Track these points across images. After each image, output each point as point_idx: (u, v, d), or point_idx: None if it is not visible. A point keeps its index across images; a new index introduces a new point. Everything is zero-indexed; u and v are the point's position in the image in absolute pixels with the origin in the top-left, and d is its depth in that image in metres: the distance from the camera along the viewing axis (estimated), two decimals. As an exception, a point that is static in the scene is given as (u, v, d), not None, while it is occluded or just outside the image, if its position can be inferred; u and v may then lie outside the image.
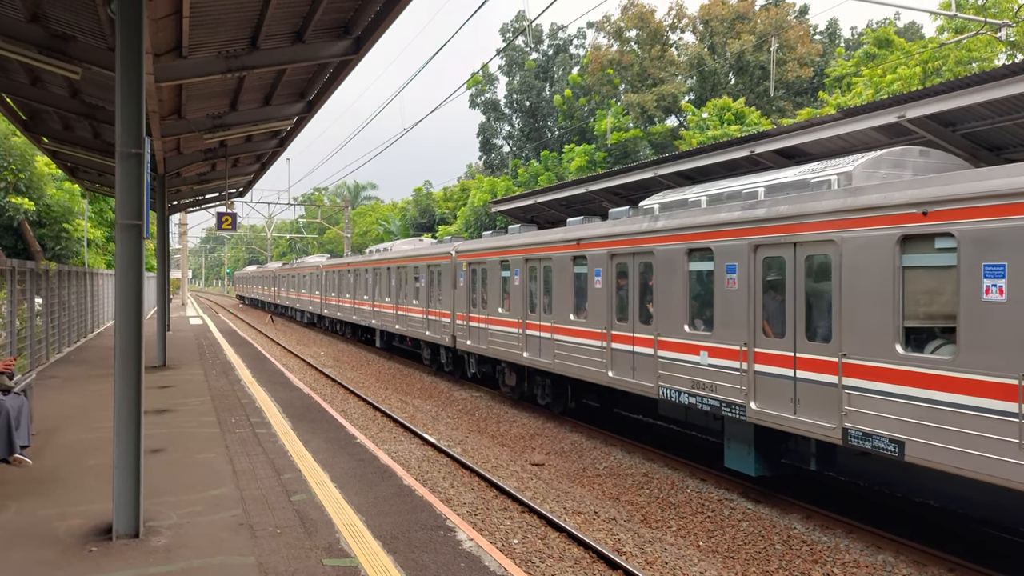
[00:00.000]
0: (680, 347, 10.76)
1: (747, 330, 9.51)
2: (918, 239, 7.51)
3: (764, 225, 9.32)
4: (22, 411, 8.04)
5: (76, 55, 9.27)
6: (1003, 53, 25.67)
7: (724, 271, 9.94)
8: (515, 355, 15.84)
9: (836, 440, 8.30)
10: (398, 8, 8.90)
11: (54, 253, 27.18)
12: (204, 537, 6.28)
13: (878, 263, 7.84)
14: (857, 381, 8.03)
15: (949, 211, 7.13)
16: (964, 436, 6.92)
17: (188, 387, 14.71)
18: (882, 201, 7.84)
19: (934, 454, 7.19)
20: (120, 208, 6.30)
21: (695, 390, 10.44)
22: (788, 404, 8.91)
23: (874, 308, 7.87)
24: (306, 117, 14.20)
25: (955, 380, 7.05)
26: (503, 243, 16.80)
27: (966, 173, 7.37)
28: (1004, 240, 6.62)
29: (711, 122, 32.47)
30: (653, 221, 11.54)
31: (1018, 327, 6.49)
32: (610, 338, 12.44)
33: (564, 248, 14.01)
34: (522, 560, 7.85)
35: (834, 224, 8.36)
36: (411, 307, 22.95)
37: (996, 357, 6.66)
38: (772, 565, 8.07)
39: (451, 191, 54.12)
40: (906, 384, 7.50)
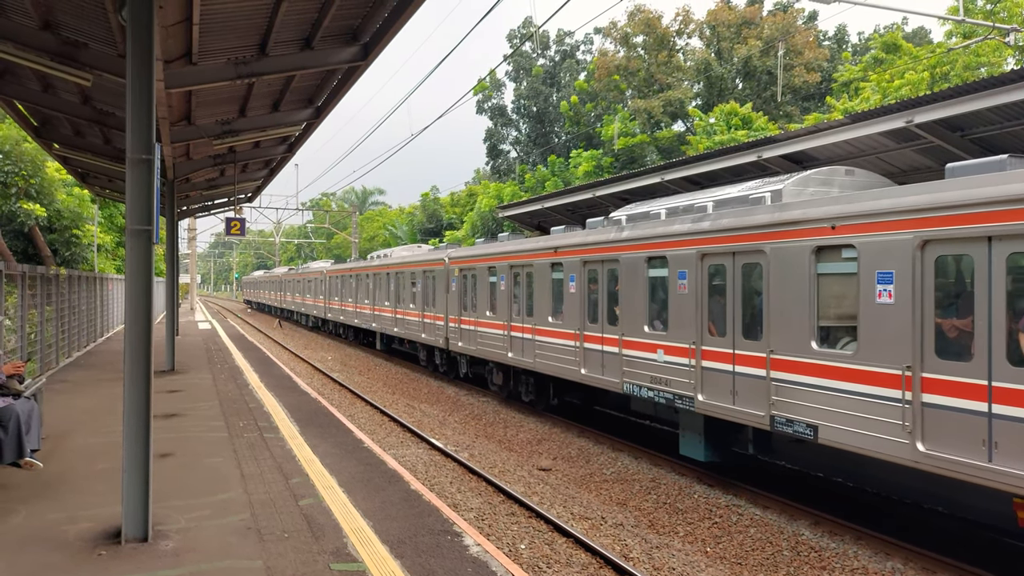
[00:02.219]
0: (641, 346, 11.89)
1: (695, 330, 10.64)
2: (829, 250, 8.68)
3: (709, 236, 10.46)
4: (32, 415, 8.08)
5: (87, 62, 9.34)
6: (1012, 58, 25.57)
7: (677, 277, 11.10)
8: (501, 355, 16.87)
9: (765, 426, 9.36)
10: (406, 15, 8.94)
11: (64, 258, 27.33)
12: (212, 541, 6.31)
13: (798, 270, 9.01)
14: (781, 374, 9.15)
15: (851, 226, 8.30)
16: (863, 420, 8.07)
17: (197, 391, 14.76)
18: (801, 216, 9.01)
19: (841, 436, 8.35)
20: (130, 213, 6.35)
21: (654, 385, 11.54)
22: (729, 396, 10.01)
23: (795, 310, 9.02)
24: (314, 123, 14.26)
25: (856, 372, 8.18)
26: (491, 250, 17.82)
27: (868, 192, 8.50)
28: (892, 251, 7.79)
29: (718, 127, 32.45)
30: (619, 231, 12.66)
31: (903, 326, 7.64)
32: (583, 338, 13.56)
33: (544, 255, 15.08)
34: (529, 565, 7.85)
35: (764, 236, 9.50)
36: (408, 311, 23.96)
37: (886, 351, 7.82)
38: (780, 571, 8.04)
39: (458, 196, 54.20)
40: (819, 376, 8.64)
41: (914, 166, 11.57)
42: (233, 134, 14.03)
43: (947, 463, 7.20)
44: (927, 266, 7.50)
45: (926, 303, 7.50)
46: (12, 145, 23.63)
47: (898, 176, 11.85)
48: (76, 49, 9.24)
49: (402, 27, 9.31)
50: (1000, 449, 6.74)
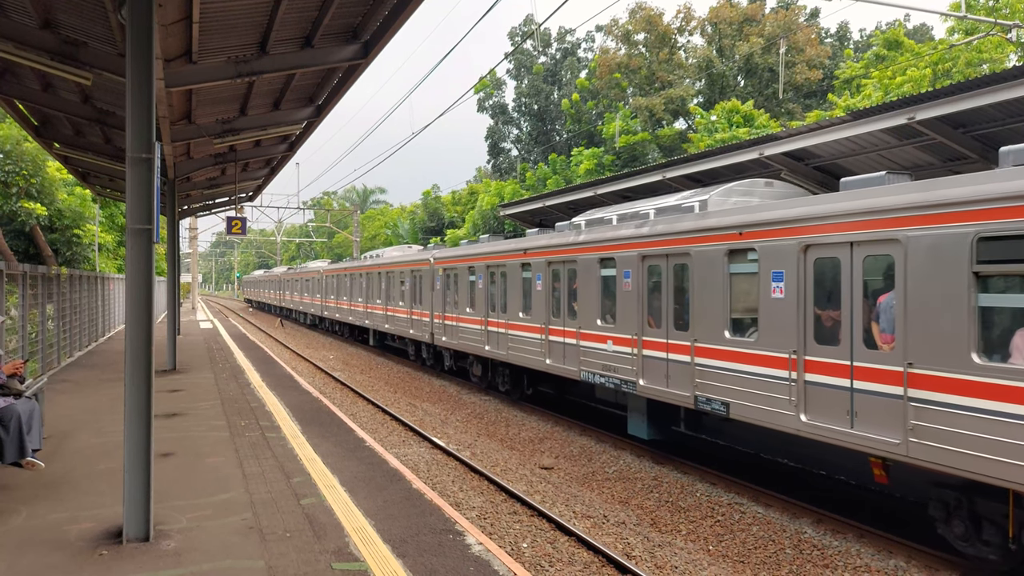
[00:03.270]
0: (594, 338, 13.33)
1: (637, 323, 12.09)
2: (738, 252, 10.10)
3: (648, 240, 11.88)
4: (33, 415, 8.08)
5: (87, 61, 9.33)
6: (1014, 54, 25.52)
7: (623, 276, 12.50)
8: (479, 348, 18.27)
9: (691, 405, 10.81)
10: (406, 13, 8.92)
11: (65, 258, 27.34)
12: (214, 541, 6.30)
13: (714, 270, 10.44)
14: (702, 360, 10.61)
15: (754, 232, 9.74)
16: (761, 397, 9.51)
17: (198, 391, 14.76)
18: (717, 223, 10.43)
19: (746, 412, 9.76)
20: (130, 213, 6.33)
21: (604, 372, 12.97)
22: (664, 380, 11.49)
23: (712, 304, 10.47)
24: (315, 122, 14.24)
25: (756, 356, 9.62)
26: (471, 251, 19.25)
27: (770, 203, 9.95)
28: (783, 254, 9.23)
29: (720, 125, 32.39)
30: (577, 235, 14.06)
31: (790, 317, 9.09)
32: (547, 332, 15.00)
33: (515, 256, 16.51)
34: (531, 564, 7.84)
35: (689, 240, 10.95)
36: (398, 308, 25.42)
37: (778, 338, 9.29)
38: (783, 570, 8.02)
39: (459, 195, 54.16)
40: (730, 361, 10.09)
41: (916, 163, 11.53)
42: (234, 133, 14.01)
43: (822, 431, 8.65)
44: (808, 267, 8.96)
45: (807, 298, 8.95)
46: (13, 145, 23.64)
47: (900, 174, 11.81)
48: (76, 48, 9.23)
49: (402, 25, 9.29)
50: (859, 417, 8.24)
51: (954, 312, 7.28)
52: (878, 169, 12.03)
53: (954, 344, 7.27)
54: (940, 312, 7.41)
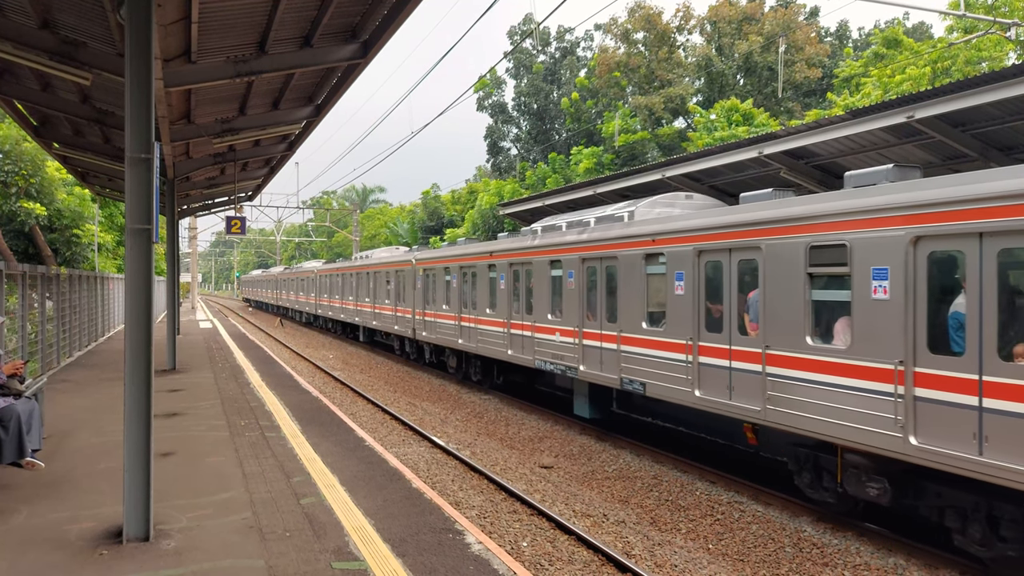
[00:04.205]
0: (546, 330, 15.08)
1: (578, 316, 13.83)
2: (652, 256, 11.85)
3: (586, 245, 13.65)
4: (33, 415, 8.08)
5: (86, 61, 9.33)
6: (1013, 53, 25.51)
7: (567, 276, 14.24)
8: (454, 342, 20.03)
9: (616, 386, 12.66)
10: (405, 12, 8.92)
11: (65, 258, 27.33)
12: (214, 540, 6.30)
13: (635, 271, 12.19)
14: (627, 347, 12.37)
15: (663, 239, 11.48)
16: (668, 376, 11.28)
17: (198, 391, 14.76)
18: (638, 231, 12.17)
19: (658, 391, 11.54)
20: (130, 213, 6.33)
21: (553, 360, 14.74)
22: (598, 365, 13.23)
23: (634, 300, 12.25)
24: (314, 121, 14.24)
25: (665, 343, 11.42)
26: (447, 253, 20.99)
27: (676, 214, 12.02)
28: (682, 257, 10.98)
29: (719, 123, 32.38)
30: (533, 240, 15.84)
31: (688, 310, 10.86)
32: (510, 326, 16.70)
33: (483, 258, 18.21)
34: (531, 563, 7.85)
35: (617, 246, 12.66)
36: (384, 306, 27.13)
37: (680, 328, 11.05)
38: (782, 568, 8.03)
39: (459, 194, 54.12)
40: (647, 348, 11.86)
41: (916, 162, 11.54)
42: (233, 132, 14.01)
43: (711, 403, 10.40)
44: (701, 268, 10.68)
45: (701, 294, 10.68)
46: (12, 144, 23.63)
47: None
48: (75, 48, 9.23)
49: (402, 24, 9.29)
50: (735, 391, 9.95)
51: (794, 304, 9.03)
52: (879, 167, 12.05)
53: (795, 329, 9.00)
54: (786, 304, 9.14)
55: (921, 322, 7.56)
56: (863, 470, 8.46)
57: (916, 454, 7.44)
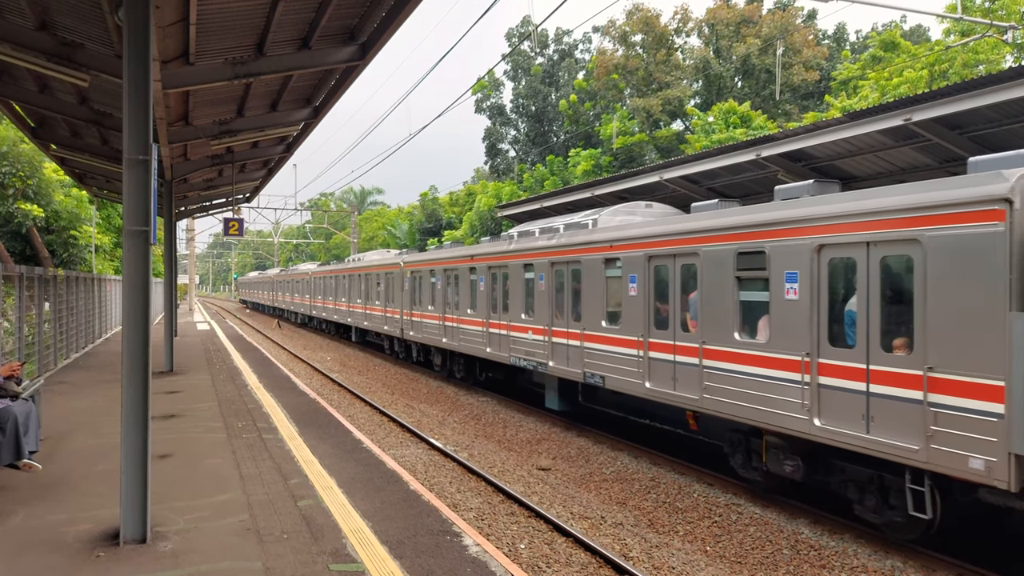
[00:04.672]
0: (521, 329, 16.09)
1: (548, 316, 14.87)
2: (610, 261, 12.89)
3: (554, 250, 14.72)
4: (30, 416, 8.07)
5: (84, 62, 9.31)
6: (1010, 55, 25.57)
7: (539, 279, 15.27)
8: (438, 341, 21.12)
9: (580, 379, 13.74)
10: (404, 14, 8.92)
11: (62, 259, 27.29)
12: (211, 542, 6.30)
13: (596, 274, 13.22)
14: (589, 344, 13.42)
15: (619, 245, 12.61)
16: (623, 370, 12.34)
17: (195, 392, 14.75)
18: (599, 238, 13.27)
19: (616, 383, 12.58)
20: (127, 214, 6.33)
21: (526, 356, 15.79)
22: (566, 361, 14.23)
23: (595, 300, 13.28)
24: (312, 123, 14.23)
25: (621, 340, 12.47)
26: (431, 256, 22.37)
27: (636, 221, 13.17)
28: (636, 262, 12.09)
29: (717, 126, 32.42)
30: (509, 244, 17.02)
31: (640, 310, 11.95)
32: (488, 325, 17.77)
33: (465, 262, 19.28)
34: (529, 565, 7.84)
35: (581, 251, 13.73)
36: (374, 307, 28.34)
37: (633, 326, 12.15)
38: (780, 570, 8.03)
39: (457, 196, 54.10)
40: (606, 344, 12.89)
41: (913, 164, 11.56)
42: (231, 134, 13.99)
43: (659, 394, 11.51)
44: (651, 272, 11.82)
45: (651, 295, 11.83)
46: (9, 146, 23.58)
47: (897, 175, 11.84)
48: (73, 50, 9.22)
49: (400, 26, 9.29)
50: (679, 382, 11.08)
51: (726, 304, 10.09)
52: (876, 169, 12.08)
53: (726, 326, 10.07)
54: (719, 304, 10.23)
55: (824, 319, 8.64)
56: (781, 450, 9.49)
57: (820, 434, 8.57)
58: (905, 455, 7.58)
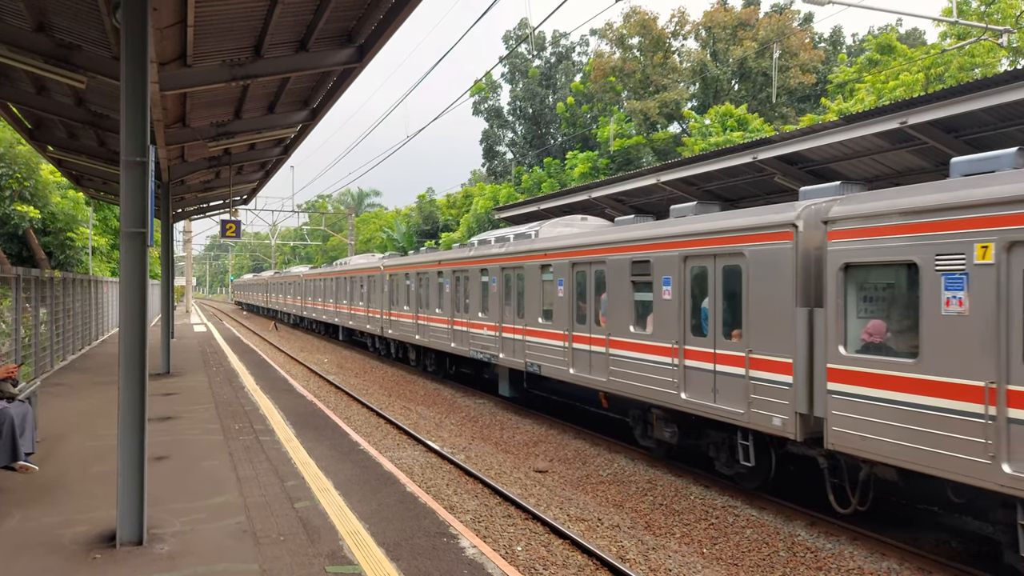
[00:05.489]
0: (479, 326, 18.25)
1: (499, 314, 16.98)
2: (545, 267, 14.97)
3: (504, 257, 16.93)
4: (26, 418, 8.06)
5: (81, 64, 9.31)
6: (1005, 59, 25.66)
7: (492, 281, 17.45)
8: (412, 338, 23.22)
9: (523, 368, 15.86)
10: (401, 17, 8.93)
11: (59, 261, 27.23)
12: (208, 544, 6.29)
13: (535, 278, 15.39)
14: (530, 338, 15.56)
15: (551, 254, 14.71)
16: (555, 359, 14.40)
17: (192, 394, 14.73)
18: (538, 247, 15.41)
19: (549, 371, 14.67)
20: (124, 216, 6.33)
21: (482, 350, 17.95)
22: (512, 353, 16.41)
23: (534, 300, 15.44)
24: (310, 125, 14.24)
25: (553, 333, 14.54)
26: (407, 261, 24.70)
27: (572, 232, 15.02)
28: (562, 267, 14.20)
29: (714, 128, 32.47)
30: (470, 251, 19.24)
31: (566, 308, 14.01)
32: (453, 323, 19.92)
33: (434, 266, 21.50)
34: (525, 567, 7.85)
35: (523, 258, 15.96)
36: (358, 307, 30.51)
37: (560, 321, 14.25)
38: (776, 572, 8.05)
39: (454, 198, 54.11)
40: (542, 337, 15.01)
41: (909, 167, 11.59)
42: (228, 136, 13.99)
43: (580, 378, 13.61)
44: (574, 276, 13.90)
45: (574, 295, 13.91)
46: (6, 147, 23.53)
47: (893, 178, 11.87)
48: (70, 51, 9.21)
49: (397, 29, 9.30)
50: (593, 368, 13.20)
51: (625, 302, 12.25)
52: (872, 172, 12.11)
53: (624, 320, 12.23)
54: (619, 302, 12.38)
55: (688, 314, 10.79)
56: (663, 420, 11.61)
57: (685, 405, 10.75)
58: (736, 418, 9.73)
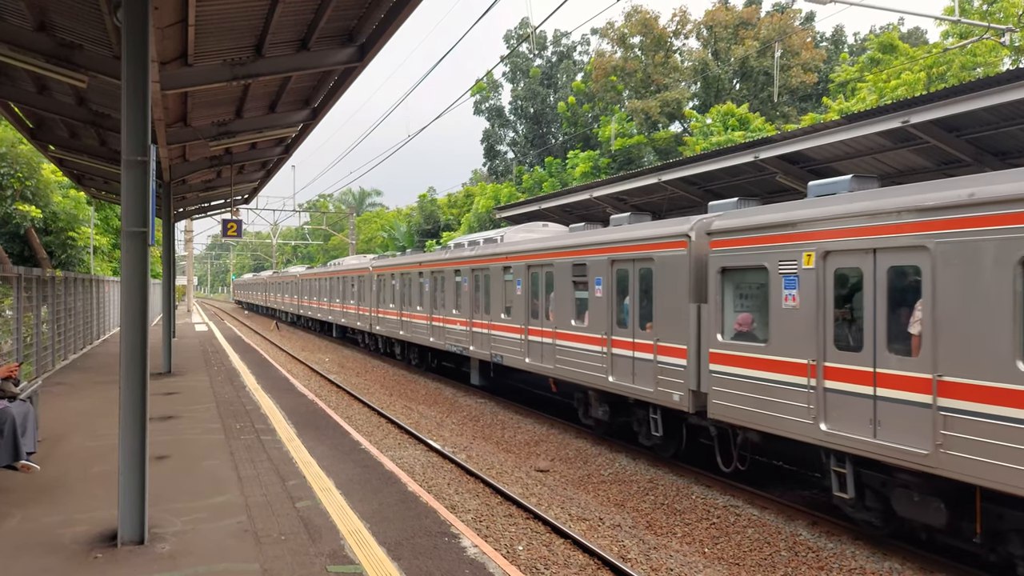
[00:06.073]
0: (453, 322, 20.08)
1: (470, 311, 18.81)
2: (506, 268, 16.74)
3: (473, 259, 18.79)
4: (28, 417, 8.06)
5: (82, 63, 9.31)
6: (1008, 58, 25.62)
7: (464, 281, 19.30)
8: (397, 333, 25.22)
9: (488, 359, 17.68)
10: (402, 16, 8.92)
11: (60, 260, 27.25)
12: (209, 544, 6.29)
13: (498, 278, 17.18)
14: (494, 332, 17.31)
15: (511, 257, 16.50)
16: (515, 351, 16.22)
17: (193, 394, 14.73)
18: (501, 251, 17.25)
19: (510, 361, 16.51)
20: (126, 215, 6.32)
21: (455, 343, 19.84)
22: (480, 345, 18.22)
23: (498, 298, 17.16)
24: (311, 124, 14.23)
25: (512, 327, 16.35)
26: (392, 262, 26.71)
27: (533, 238, 17.25)
28: (520, 270, 15.94)
29: (715, 128, 32.44)
30: (445, 254, 21.31)
31: (523, 305, 15.73)
32: (431, 319, 21.71)
33: (415, 267, 23.48)
34: (527, 567, 7.84)
35: (489, 261, 17.74)
36: (350, 306, 32.39)
37: (519, 318, 15.97)
38: (778, 572, 8.04)
39: (456, 198, 54.09)
40: (504, 331, 16.81)
41: (911, 167, 11.58)
42: (229, 136, 13.98)
43: (534, 366, 15.45)
44: (530, 276, 15.61)
45: (530, 294, 15.61)
46: (8, 147, 23.55)
47: (895, 177, 11.85)
48: (71, 51, 9.20)
49: (398, 28, 9.29)
50: (543, 357, 15.00)
51: (567, 299, 14.06)
52: (874, 172, 12.09)
53: (567, 315, 14.03)
54: (564, 300, 14.20)
55: (615, 309, 12.56)
56: (598, 401, 13.41)
57: (613, 388, 12.53)
58: (648, 396, 11.56)
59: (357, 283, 30.80)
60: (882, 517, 8.26)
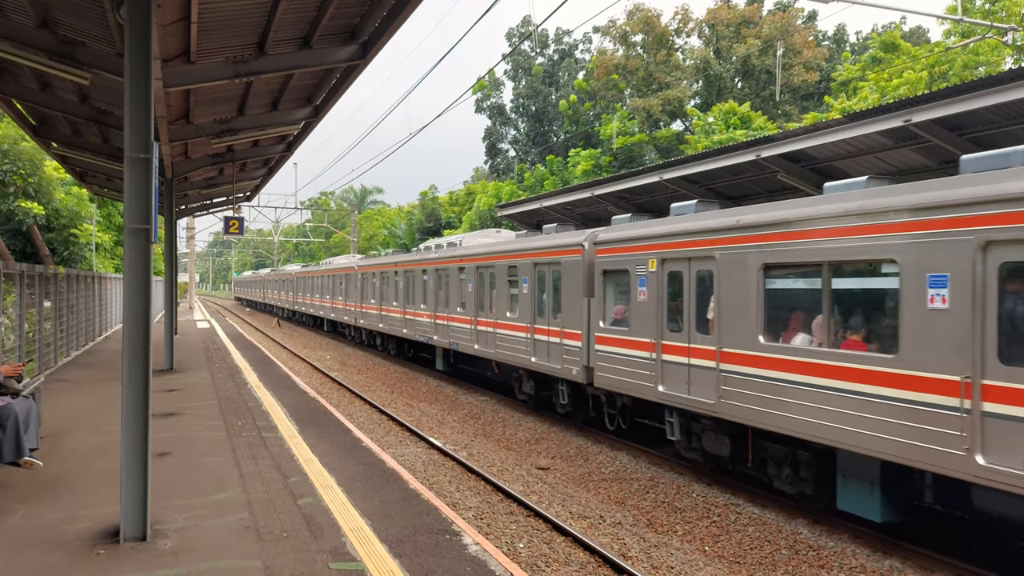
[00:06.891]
0: (420, 315, 22.94)
1: (434, 305, 21.51)
2: (461, 268, 19.50)
3: (436, 261, 21.58)
4: (30, 414, 8.09)
5: (85, 61, 9.32)
6: (1010, 57, 25.58)
7: (429, 280, 22.07)
8: (377, 326, 28.33)
9: (447, 347, 20.53)
10: (404, 13, 8.93)
11: (62, 257, 27.29)
12: (211, 540, 6.31)
13: (454, 277, 20.02)
14: (452, 323, 20.13)
15: (465, 259, 19.34)
16: (466, 339, 18.97)
17: (195, 391, 14.76)
18: (457, 253, 20.08)
19: (462, 348, 19.32)
20: (128, 212, 6.34)
21: (423, 333, 22.53)
22: (442, 335, 20.94)
23: (455, 294, 19.92)
24: (313, 122, 14.24)
25: (465, 319, 19.16)
26: (374, 262, 29.88)
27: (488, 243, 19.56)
28: (470, 270, 18.93)
29: (717, 126, 32.43)
30: (416, 256, 24.19)
31: (473, 300, 18.63)
32: (405, 313, 24.60)
33: (391, 267, 26.51)
34: (528, 564, 7.86)
35: (448, 262, 20.57)
36: (338, 302, 35.27)
37: (470, 310, 18.76)
38: (778, 570, 8.05)
39: (457, 195, 54.09)
40: (459, 323, 19.54)
41: (912, 166, 11.57)
42: (231, 133, 14.00)
43: (481, 351, 18.15)
44: (477, 276, 18.48)
45: (478, 290, 18.31)
46: (10, 144, 23.58)
47: (896, 176, 11.85)
48: (74, 48, 9.22)
49: (401, 26, 9.29)
50: (488, 343, 17.57)
51: (503, 296, 16.83)
52: (875, 171, 12.08)
53: (504, 308, 16.79)
54: (502, 296, 16.90)
55: (536, 303, 15.37)
56: (526, 379, 16.36)
57: (535, 367, 15.38)
58: (557, 372, 14.38)
59: (345, 281, 33.55)
60: (703, 456, 11.02)
